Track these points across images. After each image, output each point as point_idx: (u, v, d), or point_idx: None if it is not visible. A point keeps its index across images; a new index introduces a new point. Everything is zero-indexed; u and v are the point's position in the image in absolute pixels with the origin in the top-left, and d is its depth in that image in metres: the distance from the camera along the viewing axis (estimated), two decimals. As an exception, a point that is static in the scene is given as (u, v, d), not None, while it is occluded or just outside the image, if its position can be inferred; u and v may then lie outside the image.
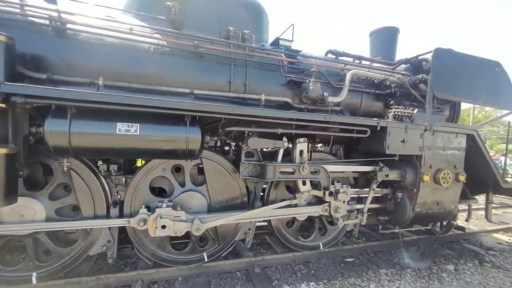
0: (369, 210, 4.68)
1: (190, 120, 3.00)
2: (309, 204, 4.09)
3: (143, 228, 3.23)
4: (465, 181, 4.41)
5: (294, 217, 4.13)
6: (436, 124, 4.09)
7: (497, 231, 6.20)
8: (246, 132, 3.51)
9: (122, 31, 3.29)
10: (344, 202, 4.07)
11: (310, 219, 4.47)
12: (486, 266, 4.37)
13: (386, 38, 5.56)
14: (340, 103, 4.22)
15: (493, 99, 4.59)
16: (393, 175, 4.19)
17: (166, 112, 2.83)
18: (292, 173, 3.61)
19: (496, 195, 5.29)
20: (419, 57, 4.94)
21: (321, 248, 4.40)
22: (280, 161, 3.59)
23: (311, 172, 3.71)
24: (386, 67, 5.13)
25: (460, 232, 5.65)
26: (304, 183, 3.74)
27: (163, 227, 3.18)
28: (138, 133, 2.79)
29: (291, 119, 3.43)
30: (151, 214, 3.23)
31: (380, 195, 4.44)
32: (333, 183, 3.99)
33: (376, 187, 4.35)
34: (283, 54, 4.10)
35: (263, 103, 3.55)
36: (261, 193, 4.07)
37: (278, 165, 3.50)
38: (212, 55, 3.60)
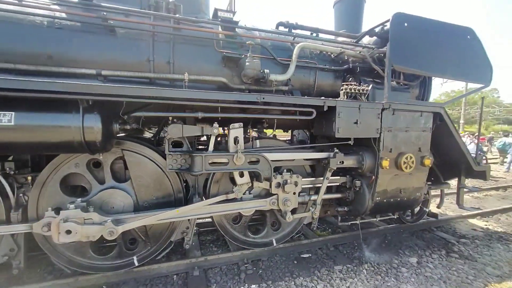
0: (330, 200, 4.30)
1: (86, 106, 2.49)
2: (258, 197, 3.66)
3: (48, 233, 2.78)
4: (431, 165, 3.97)
5: (240, 213, 3.70)
6: (395, 102, 3.60)
7: (473, 216, 5.86)
8: (170, 118, 3.01)
9: (6, 1, 2.71)
10: (294, 193, 3.64)
11: (262, 214, 4.05)
12: (452, 257, 4.02)
13: (350, 9, 4.97)
14: (289, 82, 3.71)
15: (465, 72, 4.08)
16: (349, 162, 3.74)
17: (48, 96, 2.31)
18: (226, 163, 3.14)
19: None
20: (385, 27, 4.37)
21: (274, 244, 4.01)
22: (211, 150, 3.11)
23: (249, 162, 3.24)
24: (349, 41, 4.58)
25: (433, 219, 5.29)
26: (242, 175, 3.28)
27: (68, 232, 2.72)
28: (12, 123, 2.28)
29: (217, 101, 2.92)
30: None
31: (339, 184, 4.01)
32: (281, 173, 3.55)
33: (334, 176, 3.93)
34: (219, 27, 3.54)
35: (186, 83, 3.02)
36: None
37: (206, 155, 3.03)
38: (126, 29, 3.04)
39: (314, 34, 4.33)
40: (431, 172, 4.91)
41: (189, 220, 3.53)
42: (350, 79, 4.00)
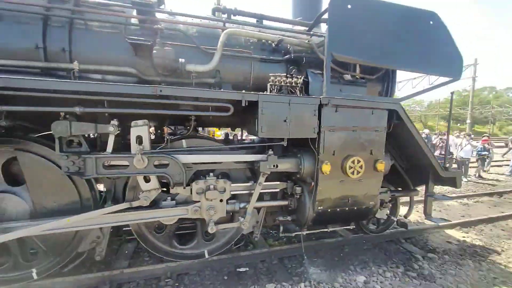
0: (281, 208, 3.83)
1: None
2: (182, 203, 3.24)
3: None
4: (383, 171, 3.45)
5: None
6: (338, 98, 3.10)
7: (451, 226, 5.26)
8: (61, 114, 2.60)
9: None
10: (221, 201, 3.20)
11: (194, 222, 3.63)
12: (409, 276, 3.49)
13: (308, -6, 4.46)
14: (217, 74, 3.26)
15: (428, 64, 3.53)
16: (285, 165, 3.26)
17: None
18: (127, 167, 2.72)
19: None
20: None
21: (206, 256, 3.58)
22: (110, 151, 2.70)
23: (157, 165, 2.81)
24: (303, 30, 4.08)
25: (403, 229, 4.73)
26: (148, 179, 2.86)
27: None
28: None
29: (103, 93, 2.47)
30: None
31: (278, 190, 3.54)
32: (204, 178, 3.12)
33: (274, 181, 3.48)
34: (134, 11, 3.11)
35: (76, 74, 2.62)
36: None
37: (98, 157, 2.62)
38: (6, 11, 2.64)
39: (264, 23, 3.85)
40: (400, 178, 4.40)
41: (101, 229, 3.14)
42: (294, 70, 3.50)
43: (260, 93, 2.83)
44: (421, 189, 4.56)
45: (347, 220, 3.76)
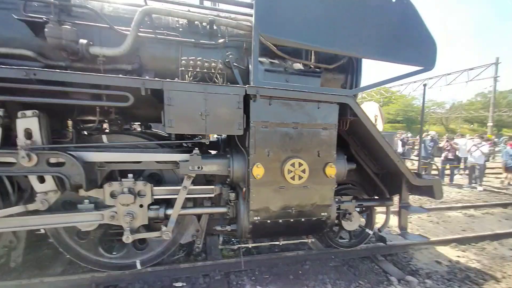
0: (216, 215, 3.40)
1: None
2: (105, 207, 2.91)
3: None
4: (333, 176, 2.90)
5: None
6: (267, 87, 2.63)
7: (446, 243, 4.48)
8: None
9: None
10: (141, 206, 2.84)
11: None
12: (367, 304, 2.89)
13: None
14: (137, 59, 2.88)
15: (392, 51, 2.95)
16: (212, 167, 2.83)
17: None
18: (13, 164, 2.42)
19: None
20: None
21: (139, 267, 3.22)
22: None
23: (50, 164, 2.49)
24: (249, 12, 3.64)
25: (381, 244, 4.07)
26: (43, 179, 2.55)
27: None
28: None
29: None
30: None
31: (213, 195, 3.10)
32: (120, 180, 2.78)
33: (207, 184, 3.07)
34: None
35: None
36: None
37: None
38: None
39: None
40: (375, 186, 3.80)
41: (14, 232, 2.90)
42: (231, 57, 3.06)
43: (168, 80, 2.43)
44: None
45: (295, 233, 3.23)
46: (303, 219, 2.98)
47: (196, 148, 2.83)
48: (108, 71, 2.74)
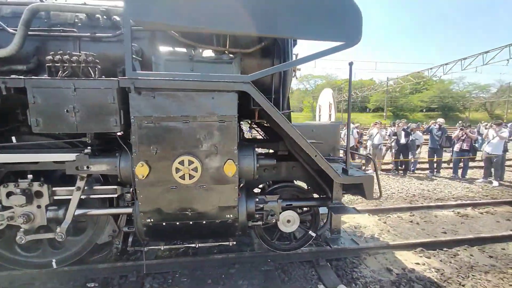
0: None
1: None
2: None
3: None
4: (234, 174, 2.58)
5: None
6: (143, 78, 2.35)
7: (410, 247, 3.94)
8: None
9: None
10: (39, 207, 2.76)
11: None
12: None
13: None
14: (32, 59, 2.78)
15: (307, 26, 2.50)
16: (101, 167, 2.65)
17: None
18: None
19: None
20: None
21: (54, 266, 3.19)
22: None
23: None
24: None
25: (328, 248, 3.67)
26: None
27: None
28: None
29: None
30: None
31: (116, 195, 2.94)
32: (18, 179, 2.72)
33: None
34: None
35: None
36: None
37: None
38: None
39: None
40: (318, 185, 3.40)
41: None
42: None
43: (30, 77, 2.27)
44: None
45: (200, 236, 2.97)
46: (204, 222, 2.71)
47: (89, 147, 2.66)
48: (3, 73, 2.64)
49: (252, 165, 2.79)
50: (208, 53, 3.12)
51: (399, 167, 9.37)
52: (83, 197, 2.83)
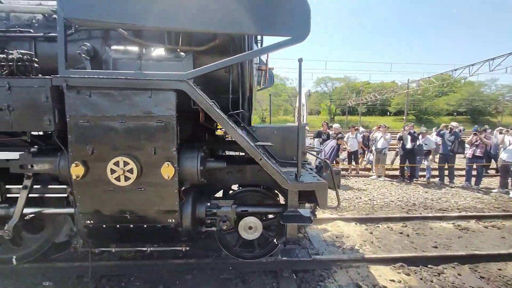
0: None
1: None
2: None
3: None
4: (172, 177, 2.45)
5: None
6: (75, 76, 2.30)
7: (389, 261, 3.59)
8: None
9: None
10: (-11, 204, 2.81)
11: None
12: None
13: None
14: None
15: (249, 20, 2.35)
16: (43, 166, 2.63)
17: None
18: None
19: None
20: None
21: (14, 262, 3.24)
22: None
23: None
24: None
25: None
26: None
27: None
28: None
29: None
30: None
31: (66, 194, 2.91)
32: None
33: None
34: None
35: None
36: None
37: None
38: None
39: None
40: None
41: None
42: (82, 48, 2.79)
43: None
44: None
45: (144, 240, 2.85)
46: (145, 226, 2.61)
47: (36, 146, 2.67)
48: None
49: (195, 168, 2.64)
50: (161, 51, 3.04)
51: (405, 174, 8.78)
52: (36, 195, 2.86)
